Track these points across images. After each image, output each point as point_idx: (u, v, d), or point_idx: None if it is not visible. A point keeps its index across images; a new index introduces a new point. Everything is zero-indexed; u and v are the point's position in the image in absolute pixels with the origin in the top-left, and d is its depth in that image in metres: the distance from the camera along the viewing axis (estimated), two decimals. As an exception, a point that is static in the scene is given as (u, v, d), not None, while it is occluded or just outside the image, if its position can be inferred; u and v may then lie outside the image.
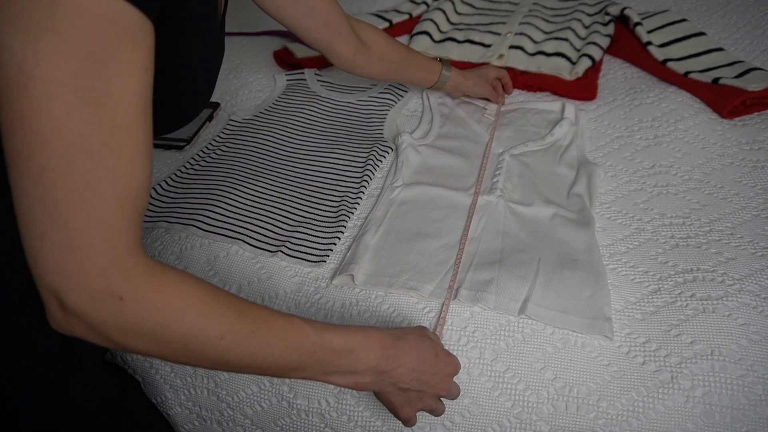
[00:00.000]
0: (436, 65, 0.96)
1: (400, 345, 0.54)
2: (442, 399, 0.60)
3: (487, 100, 1.03)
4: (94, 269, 0.38)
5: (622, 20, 1.17)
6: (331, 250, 0.76)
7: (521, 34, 1.15)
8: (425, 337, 0.58)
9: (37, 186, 0.36)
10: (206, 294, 0.43)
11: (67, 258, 0.37)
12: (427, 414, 0.62)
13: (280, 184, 0.88)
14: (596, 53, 1.07)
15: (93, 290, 0.38)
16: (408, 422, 0.58)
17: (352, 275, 0.71)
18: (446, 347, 0.64)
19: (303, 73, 1.13)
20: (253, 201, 0.85)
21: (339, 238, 0.78)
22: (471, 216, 0.78)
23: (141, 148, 0.40)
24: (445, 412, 0.62)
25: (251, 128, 1.01)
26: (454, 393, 0.59)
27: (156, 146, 1.00)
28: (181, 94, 0.56)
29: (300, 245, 0.77)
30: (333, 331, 0.50)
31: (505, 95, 1.04)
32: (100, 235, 0.38)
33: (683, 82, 1.00)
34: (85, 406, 0.64)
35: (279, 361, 0.47)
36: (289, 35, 1.27)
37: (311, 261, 0.75)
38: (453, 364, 0.59)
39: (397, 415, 0.57)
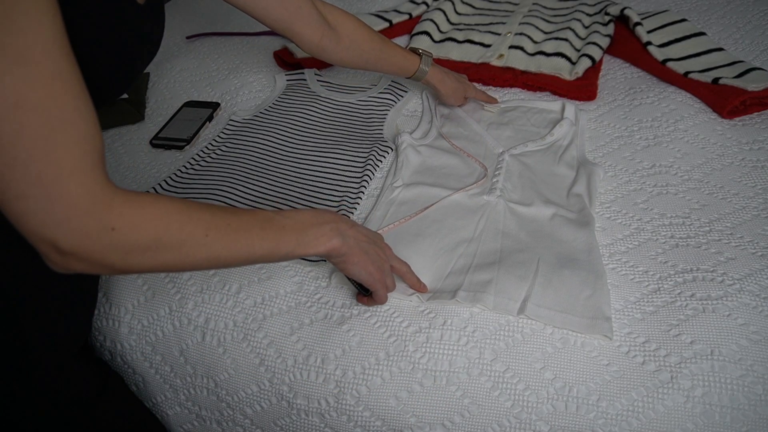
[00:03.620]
0: (413, 60, 0.91)
1: (343, 215, 0.64)
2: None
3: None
4: (80, 211, 0.41)
5: (622, 20, 1.16)
6: (331, 250, 0.76)
7: (521, 34, 1.15)
8: None
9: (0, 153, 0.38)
10: (181, 205, 0.49)
11: (52, 208, 0.40)
12: (425, 413, 0.62)
13: (280, 184, 0.88)
14: (596, 53, 1.07)
15: (86, 229, 0.42)
16: (382, 288, 0.65)
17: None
18: (445, 347, 0.65)
19: (303, 73, 1.13)
20: (253, 201, 0.85)
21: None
22: (436, 202, 0.81)
23: (79, 93, 0.42)
24: (445, 412, 0.62)
25: (251, 128, 1.01)
26: (398, 265, 0.68)
27: (156, 146, 1.00)
28: (99, 64, 0.55)
29: (300, 245, 0.77)
30: (292, 210, 0.59)
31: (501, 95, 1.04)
32: (75, 180, 0.41)
33: (683, 82, 1.00)
34: (64, 401, 0.64)
35: (258, 241, 0.53)
36: (289, 35, 1.26)
37: (311, 260, 0.75)
38: (378, 234, 0.69)
39: (373, 280, 0.64)
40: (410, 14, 1.28)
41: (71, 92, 0.41)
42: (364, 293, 0.68)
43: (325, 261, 0.75)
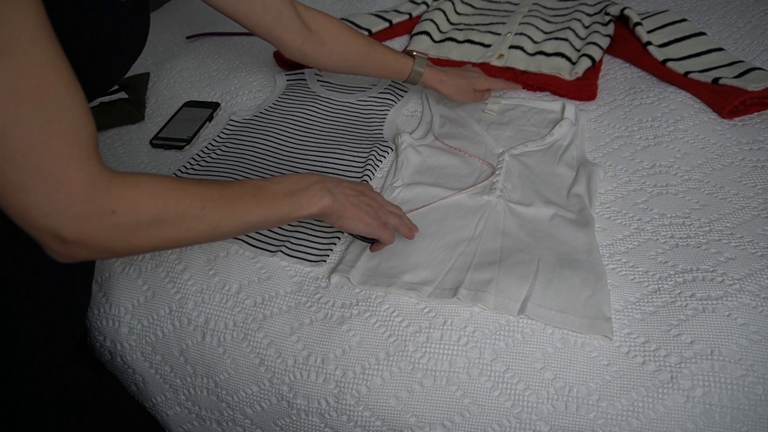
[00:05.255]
0: (406, 63, 0.90)
1: (326, 175, 0.66)
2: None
3: None
4: (80, 198, 0.42)
5: (622, 20, 1.16)
6: (331, 250, 0.76)
7: (521, 34, 1.15)
8: None
9: None
10: (174, 182, 0.50)
11: (54, 197, 0.41)
12: (425, 413, 0.62)
13: (280, 184, 0.88)
14: (596, 53, 1.07)
15: (88, 215, 0.43)
16: (383, 232, 0.67)
17: (348, 277, 0.71)
18: (445, 347, 0.65)
19: (303, 73, 1.13)
20: (253, 201, 0.85)
21: (339, 238, 0.78)
22: (435, 202, 0.81)
23: (71, 81, 0.42)
24: (445, 412, 0.62)
25: (251, 128, 1.01)
26: (392, 209, 0.70)
27: (156, 146, 1.00)
28: (79, 61, 0.54)
29: (300, 245, 0.77)
30: (279, 176, 0.61)
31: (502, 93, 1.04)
32: (73, 167, 0.41)
33: (683, 82, 1.00)
34: (56, 402, 0.64)
35: (253, 208, 0.55)
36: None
37: (311, 261, 0.75)
38: (364, 183, 0.71)
39: (371, 228, 0.65)
40: (410, 14, 1.28)
41: (62, 80, 0.41)
42: (369, 242, 0.71)
43: (324, 262, 0.75)
